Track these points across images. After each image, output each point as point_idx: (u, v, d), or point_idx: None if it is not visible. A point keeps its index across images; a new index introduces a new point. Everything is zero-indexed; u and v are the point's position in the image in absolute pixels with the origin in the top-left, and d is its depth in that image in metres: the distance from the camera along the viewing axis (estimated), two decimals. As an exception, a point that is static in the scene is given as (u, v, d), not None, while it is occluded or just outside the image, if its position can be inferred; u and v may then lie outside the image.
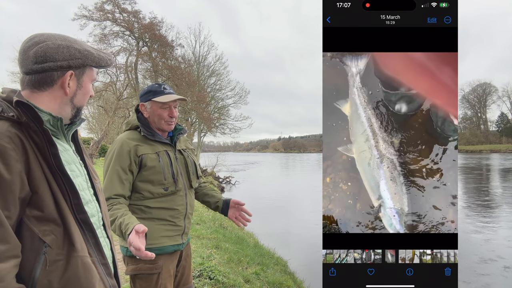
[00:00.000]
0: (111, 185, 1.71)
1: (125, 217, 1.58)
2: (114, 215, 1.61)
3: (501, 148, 65.47)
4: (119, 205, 1.68)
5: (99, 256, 1.10)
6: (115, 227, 1.59)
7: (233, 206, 2.00)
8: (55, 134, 1.09)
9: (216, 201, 2.05)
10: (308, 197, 15.87)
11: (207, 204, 2.08)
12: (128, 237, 1.46)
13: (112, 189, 1.70)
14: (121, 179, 1.72)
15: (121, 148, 1.75)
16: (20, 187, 0.93)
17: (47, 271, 0.97)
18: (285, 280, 4.49)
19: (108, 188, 1.70)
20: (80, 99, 1.14)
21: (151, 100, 1.83)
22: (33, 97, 1.05)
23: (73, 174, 1.09)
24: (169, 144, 1.88)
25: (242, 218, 1.99)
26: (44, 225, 0.98)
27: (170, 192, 1.81)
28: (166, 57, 22.72)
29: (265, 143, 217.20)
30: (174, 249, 1.82)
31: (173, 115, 1.86)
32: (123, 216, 1.59)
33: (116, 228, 1.58)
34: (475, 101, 77.00)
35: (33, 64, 1.03)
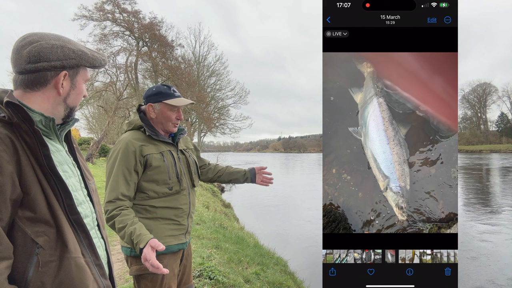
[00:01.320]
0: (117, 185, 1.70)
1: (136, 226, 1.59)
2: (123, 221, 1.62)
3: (501, 148, 65.45)
4: (127, 210, 1.68)
5: (92, 257, 1.10)
6: (124, 235, 1.59)
7: (258, 172, 2.18)
8: (48, 134, 1.09)
9: (244, 174, 2.21)
10: (308, 197, 15.86)
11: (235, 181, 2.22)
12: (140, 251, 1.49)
13: (119, 190, 1.69)
14: (126, 180, 1.72)
15: (126, 149, 1.75)
16: (11, 188, 0.93)
17: (40, 272, 0.96)
18: (285, 280, 4.49)
19: (114, 189, 1.69)
20: (74, 99, 1.13)
21: (161, 102, 1.84)
22: (26, 97, 1.04)
23: (65, 174, 1.09)
24: (171, 144, 1.90)
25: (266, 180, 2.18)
26: (36, 226, 0.97)
27: (175, 192, 1.82)
28: (166, 57, 22.71)
29: (265, 143, 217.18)
30: (179, 248, 1.83)
31: (181, 118, 1.90)
32: (133, 224, 1.60)
33: (126, 236, 1.58)
34: (475, 101, 76.99)
35: (27, 63, 1.02)
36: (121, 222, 1.62)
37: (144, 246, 1.49)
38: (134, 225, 1.60)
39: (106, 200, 1.68)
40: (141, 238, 1.53)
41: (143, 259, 1.45)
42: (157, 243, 1.48)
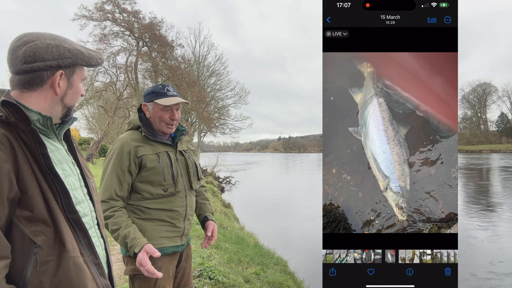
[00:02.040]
0: (111, 186, 1.70)
1: (130, 229, 1.60)
2: (117, 223, 1.63)
3: (501, 148, 65.45)
4: (121, 211, 1.69)
5: (91, 256, 1.09)
6: (118, 236, 1.60)
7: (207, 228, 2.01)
8: (46, 133, 1.08)
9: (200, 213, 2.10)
10: (308, 197, 15.86)
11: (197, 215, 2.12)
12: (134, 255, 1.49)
13: (112, 191, 1.70)
14: (120, 180, 1.72)
15: (121, 149, 1.75)
16: (8, 187, 0.92)
17: (38, 272, 0.96)
18: (285, 280, 4.49)
19: (108, 189, 1.70)
20: (71, 98, 1.12)
21: (153, 101, 1.82)
22: (23, 97, 1.04)
23: (64, 173, 1.09)
24: (170, 145, 1.88)
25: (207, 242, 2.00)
26: (34, 226, 0.97)
27: (170, 194, 1.80)
28: (166, 57, 22.70)
29: (265, 143, 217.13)
30: (173, 250, 1.81)
31: (175, 118, 1.84)
32: (127, 227, 1.61)
33: (119, 238, 1.59)
34: (475, 101, 76.99)
35: (22, 64, 1.02)
36: (114, 224, 1.62)
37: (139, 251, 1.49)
38: (128, 228, 1.60)
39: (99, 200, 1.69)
40: (135, 242, 1.53)
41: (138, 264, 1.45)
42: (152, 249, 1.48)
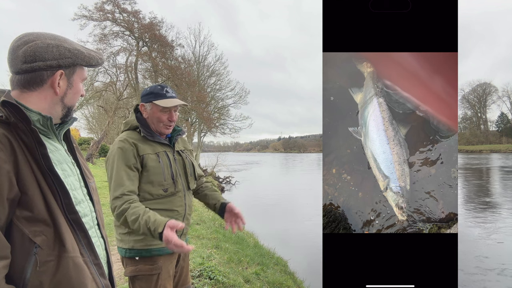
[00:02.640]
0: (122, 182, 1.66)
1: (149, 214, 1.54)
2: (135, 213, 1.56)
3: (501, 148, 65.47)
4: (137, 202, 1.63)
5: (91, 256, 1.09)
6: (139, 226, 1.52)
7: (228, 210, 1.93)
8: (46, 133, 1.08)
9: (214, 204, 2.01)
10: (308, 196, 15.86)
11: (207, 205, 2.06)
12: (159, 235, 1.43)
13: (124, 186, 1.65)
14: (129, 176, 1.69)
15: (124, 147, 1.73)
16: (8, 188, 0.92)
17: (38, 272, 0.96)
18: (285, 280, 4.49)
19: (119, 185, 1.66)
20: (71, 98, 1.12)
21: (151, 102, 1.82)
22: (23, 97, 1.04)
23: (64, 173, 1.09)
24: (167, 145, 1.87)
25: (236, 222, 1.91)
26: (34, 226, 0.97)
27: (170, 193, 1.80)
28: (166, 57, 22.72)
29: (265, 143, 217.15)
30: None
31: (173, 119, 1.84)
32: (147, 213, 1.54)
33: (141, 227, 1.52)
34: (475, 101, 77.02)
35: (22, 63, 1.02)
36: (133, 214, 1.56)
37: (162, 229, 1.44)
38: (147, 213, 1.54)
39: (112, 197, 1.64)
40: (157, 224, 1.47)
41: (165, 242, 1.41)
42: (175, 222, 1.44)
